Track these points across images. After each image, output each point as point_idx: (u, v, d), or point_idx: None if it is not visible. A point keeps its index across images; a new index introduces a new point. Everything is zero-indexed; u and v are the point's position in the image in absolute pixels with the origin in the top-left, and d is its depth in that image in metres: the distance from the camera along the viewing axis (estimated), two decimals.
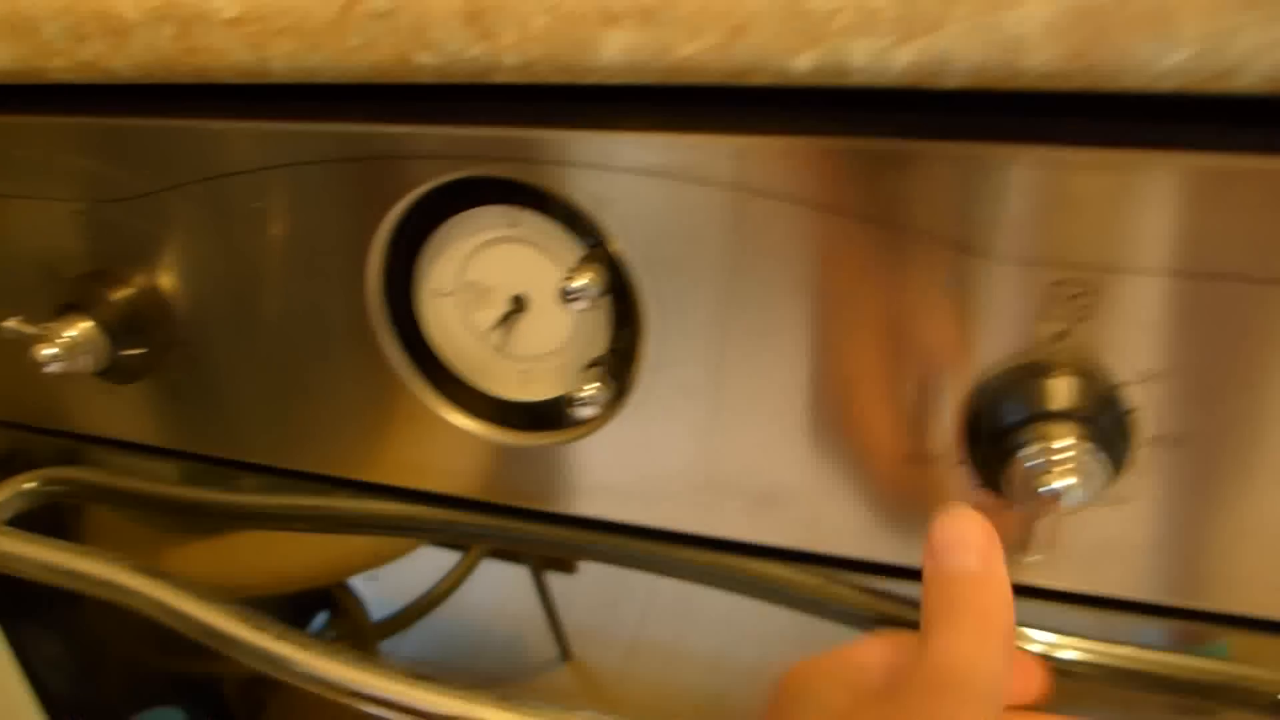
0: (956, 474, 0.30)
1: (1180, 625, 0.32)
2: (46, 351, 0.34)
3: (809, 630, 0.38)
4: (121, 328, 0.36)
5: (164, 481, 0.47)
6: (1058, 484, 0.26)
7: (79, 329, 0.35)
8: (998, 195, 0.25)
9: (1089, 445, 0.26)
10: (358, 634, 0.84)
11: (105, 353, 0.36)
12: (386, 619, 0.95)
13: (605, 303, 0.32)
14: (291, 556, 0.68)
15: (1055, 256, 0.26)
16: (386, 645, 0.76)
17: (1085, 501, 0.26)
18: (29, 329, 0.35)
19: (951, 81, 0.23)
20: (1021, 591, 0.32)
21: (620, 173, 0.28)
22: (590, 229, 0.30)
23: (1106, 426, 0.27)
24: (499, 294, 0.33)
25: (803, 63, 0.23)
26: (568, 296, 0.29)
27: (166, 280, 0.36)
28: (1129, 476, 0.28)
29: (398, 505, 0.42)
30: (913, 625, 0.29)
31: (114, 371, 0.37)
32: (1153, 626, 0.32)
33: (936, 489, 0.30)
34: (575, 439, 0.33)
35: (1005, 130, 0.25)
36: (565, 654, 0.68)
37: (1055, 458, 0.26)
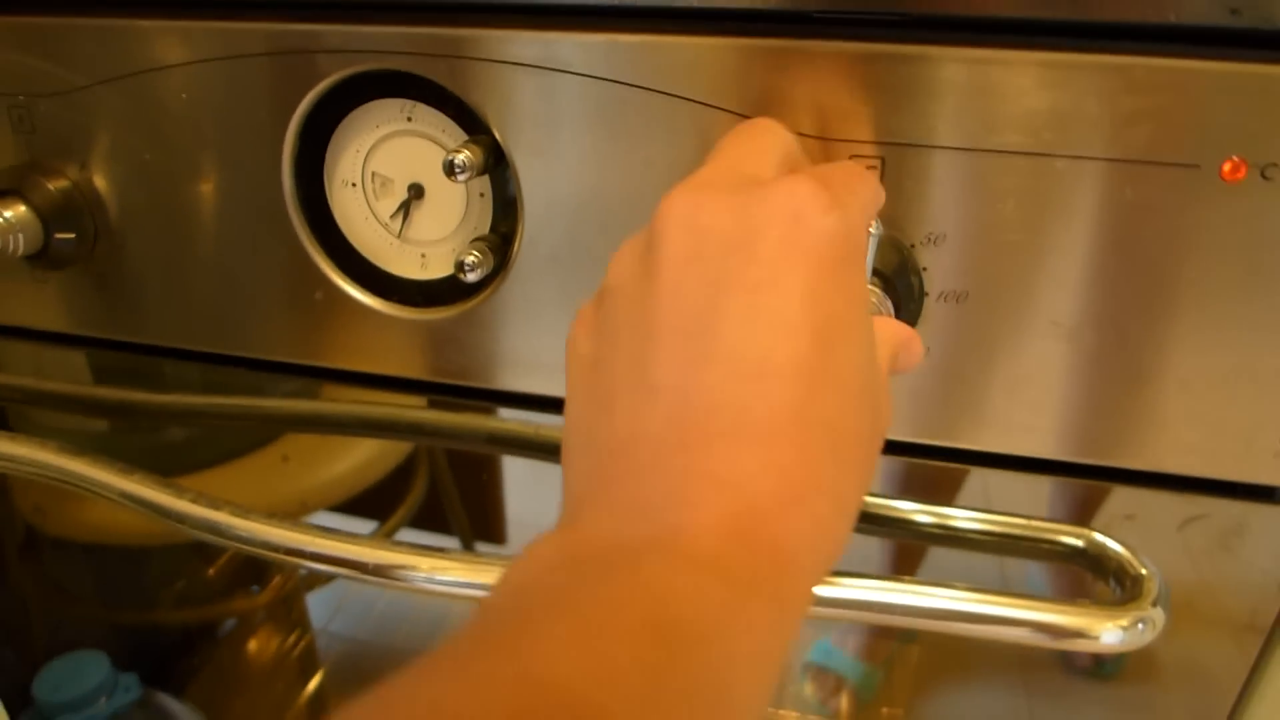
0: None
1: (974, 471, 0.38)
2: None
3: None
4: (54, 214, 0.39)
5: (87, 383, 0.50)
6: None
7: (14, 211, 0.38)
8: (800, 82, 0.31)
9: (876, 295, 0.31)
10: (291, 594, 0.86)
11: (38, 236, 0.39)
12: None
13: (488, 189, 0.37)
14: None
15: (847, 133, 0.31)
16: (317, 619, 0.77)
17: None
18: None
19: None
20: None
21: (498, 65, 0.33)
22: (476, 120, 0.35)
23: (901, 281, 0.33)
24: (398, 184, 0.38)
25: None
26: (452, 170, 0.33)
27: (97, 170, 0.39)
28: (924, 328, 0.34)
29: (311, 404, 0.46)
30: None
31: (45, 257, 0.40)
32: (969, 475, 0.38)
33: None
34: (468, 309, 0.38)
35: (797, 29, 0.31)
36: None
37: None
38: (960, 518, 0.38)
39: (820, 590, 0.35)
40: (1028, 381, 0.34)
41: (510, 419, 0.43)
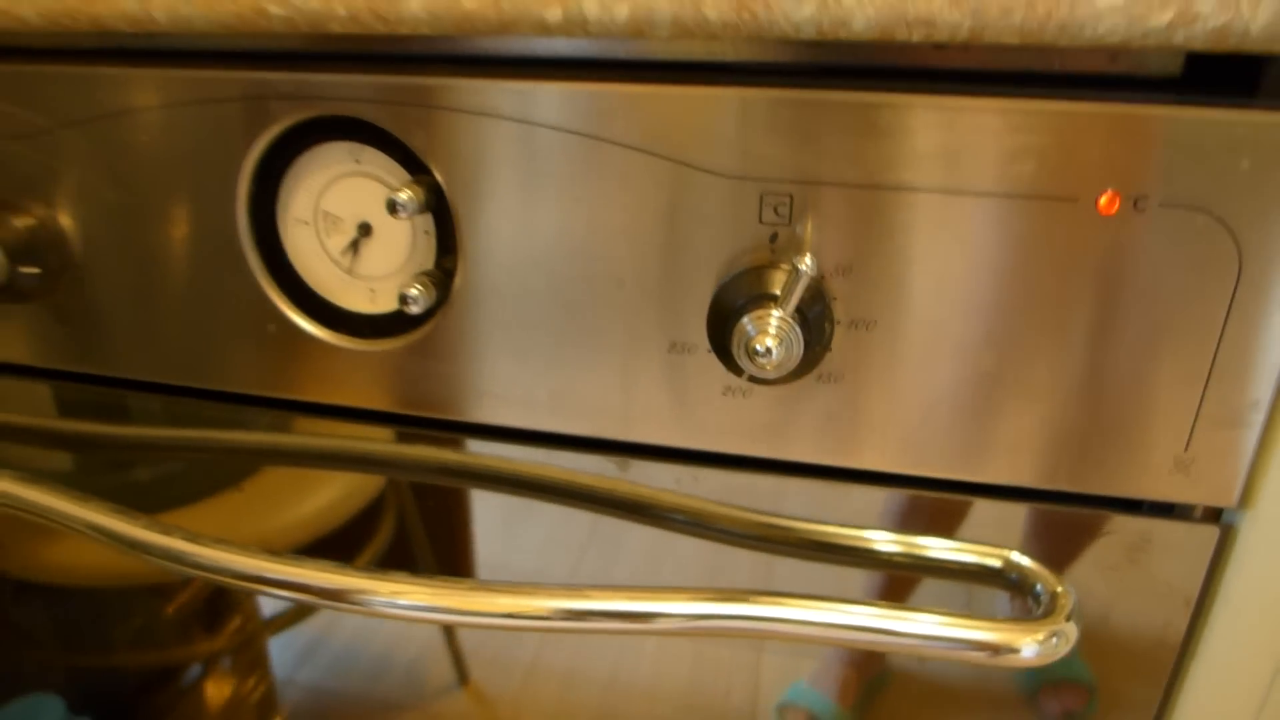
0: (708, 359, 0.37)
1: (899, 493, 0.39)
2: None
3: (704, 652, 0.44)
4: (19, 249, 0.41)
5: (51, 416, 0.51)
6: (767, 343, 0.33)
7: None
8: (717, 124, 0.33)
9: (790, 321, 0.34)
10: (253, 636, 0.86)
11: (3, 270, 0.41)
12: (278, 615, 0.97)
13: (431, 227, 0.39)
14: None
15: (760, 172, 0.34)
16: (284, 667, 0.77)
17: (788, 363, 0.34)
18: None
19: (661, 32, 0.31)
20: (778, 467, 0.39)
21: (437, 110, 0.36)
22: (420, 162, 0.37)
23: (811, 309, 0.35)
24: (348, 222, 0.40)
25: (553, 15, 0.31)
26: (394, 208, 0.36)
27: (61, 207, 0.42)
28: (837, 355, 0.36)
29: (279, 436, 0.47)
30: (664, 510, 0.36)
31: (10, 290, 0.42)
32: (876, 495, 0.40)
33: (693, 374, 0.37)
34: (412, 340, 0.40)
35: (714, 77, 0.33)
36: (464, 678, 0.72)
37: (765, 325, 0.33)
38: (877, 540, 0.40)
39: (770, 610, 0.37)
40: (937, 405, 0.36)
41: (472, 451, 0.45)
